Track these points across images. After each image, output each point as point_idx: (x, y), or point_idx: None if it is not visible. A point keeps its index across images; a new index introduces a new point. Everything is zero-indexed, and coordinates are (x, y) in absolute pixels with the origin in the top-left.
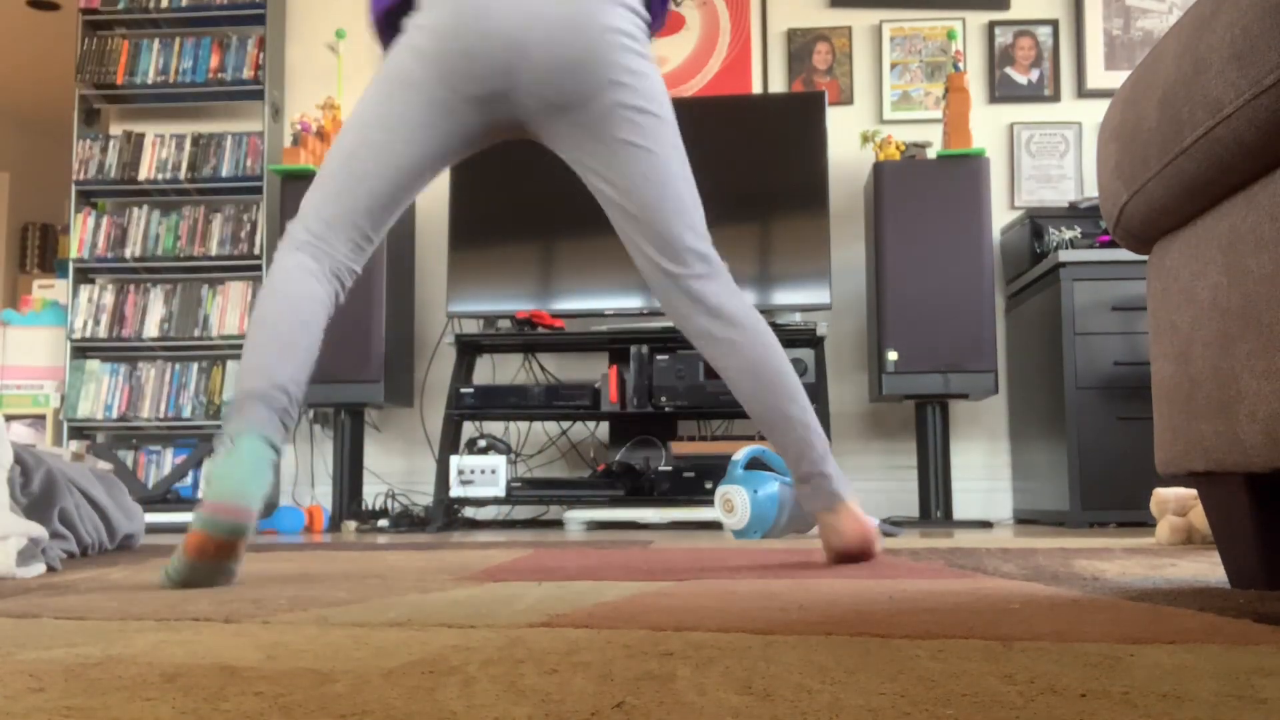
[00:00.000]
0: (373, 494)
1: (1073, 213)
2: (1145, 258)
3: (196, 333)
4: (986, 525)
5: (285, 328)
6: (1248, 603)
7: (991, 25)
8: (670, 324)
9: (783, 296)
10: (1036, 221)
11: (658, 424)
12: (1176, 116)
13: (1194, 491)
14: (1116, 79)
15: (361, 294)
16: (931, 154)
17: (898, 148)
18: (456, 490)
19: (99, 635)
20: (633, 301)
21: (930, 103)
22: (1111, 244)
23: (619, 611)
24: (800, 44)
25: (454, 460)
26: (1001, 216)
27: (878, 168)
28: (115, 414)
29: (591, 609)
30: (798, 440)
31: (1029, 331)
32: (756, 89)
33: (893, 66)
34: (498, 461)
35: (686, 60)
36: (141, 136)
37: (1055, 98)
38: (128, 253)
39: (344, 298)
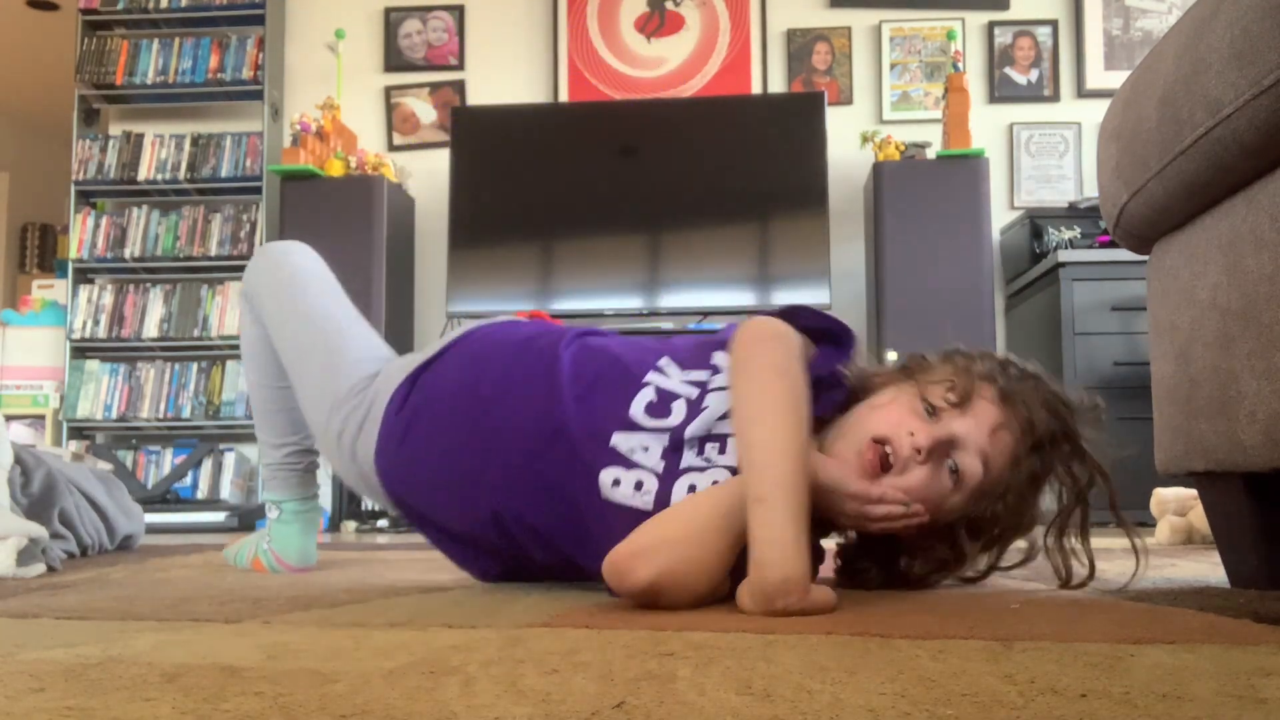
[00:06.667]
0: None
1: (1072, 213)
2: (1145, 258)
3: (196, 333)
4: None
5: (271, 394)
6: (1248, 603)
7: (991, 25)
8: (671, 324)
9: (783, 296)
10: (1036, 221)
11: None
12: (1176, 116)
13: (1194, 491)
14: (1116, 79)
15: (361, 294)
16: (931, 154)
17: (897, 148)
18: None
19: (99, 635)
20: (633, 302)
21: (930, 103)
22: (1111, 244)
23: (619, 611)
24: (800, 44)
25: None
26: (1001, 216)
27: (877, 168)
28: (115, 414)
29: (591, 609)
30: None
31: (1029, 331)
32: (756, 89)
33: (892, 66)
34: None
35: (686, 60)
36: (141, 136)
37: (1055, 98)
38: (127, 253)
39: None
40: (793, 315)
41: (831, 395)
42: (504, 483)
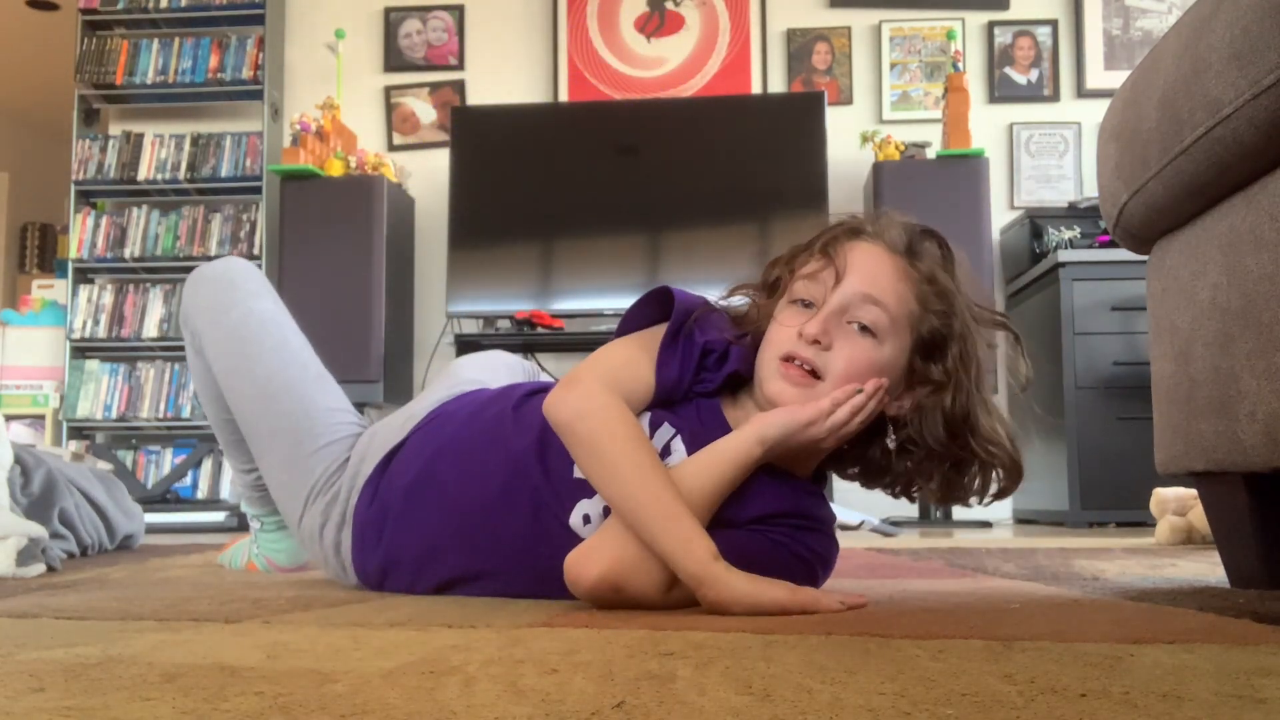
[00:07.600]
0: None
1: (1072, 213)
2: (1145, 258)
3: None
4: (986, 525)
5: (230, 425)
6: (1248, 603)
7: (991, 25)
8: None
9: None
10: (1036, 221)
11: None
12: (1176, 116)
13: (1194, 491)
14: (1116, 79)
15: (361, 294)
16: (931, 154)
17: (897, 148)
18: None
19: (99, 635)
20: (632, 302)
21: (930, 103)
22: (1111, 244)
23: (619, 611)
24: (800, 44)
25: None
26: (1001, 216)
27: (877, 168)
28: (114, 414)
29: (591, 609)
30: None
31: (1029, 331)
32: (756, 89)
33: (892, 66)
34: None
35: (686, 60)
36: (141, 136)
37: (1055, 98)
38: (127, 253)
39: None
40: (628, 319)
41: (724, 363)
42: (490, 563)
